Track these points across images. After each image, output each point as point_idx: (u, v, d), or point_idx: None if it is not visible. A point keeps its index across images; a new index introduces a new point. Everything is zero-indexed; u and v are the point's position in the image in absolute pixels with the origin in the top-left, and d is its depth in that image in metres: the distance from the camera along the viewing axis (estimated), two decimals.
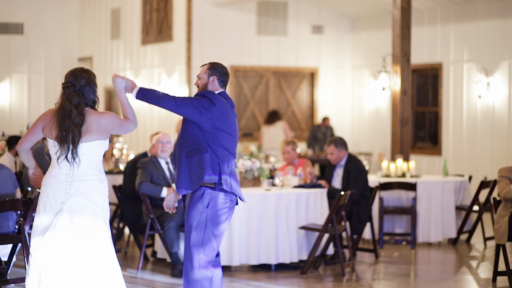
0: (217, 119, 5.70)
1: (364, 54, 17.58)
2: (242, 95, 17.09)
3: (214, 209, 5.74)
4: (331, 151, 9.80)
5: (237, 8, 16.75)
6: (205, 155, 5.71)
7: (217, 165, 5.71)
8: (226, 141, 5.75)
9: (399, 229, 11.03)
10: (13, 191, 7.77)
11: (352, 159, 9.82)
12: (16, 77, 19.36)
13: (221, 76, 5.86)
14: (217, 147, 5.73)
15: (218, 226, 5.76)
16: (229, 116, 5.77)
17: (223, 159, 5.74)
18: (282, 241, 8.77)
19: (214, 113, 5.68)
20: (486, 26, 14.73)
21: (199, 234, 5.73)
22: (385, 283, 8.51)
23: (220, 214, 5.76)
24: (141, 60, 17.91)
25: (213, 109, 5.67)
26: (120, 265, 5.71)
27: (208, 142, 5.72)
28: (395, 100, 12.70)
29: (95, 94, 5.67)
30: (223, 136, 5.74)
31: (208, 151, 5.71)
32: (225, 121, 5.74)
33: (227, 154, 5.77)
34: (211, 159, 5.71)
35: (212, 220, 5.73)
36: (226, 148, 5.76)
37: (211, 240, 5.74)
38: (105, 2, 19.14)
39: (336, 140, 9.81)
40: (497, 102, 14.57)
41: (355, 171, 9.64)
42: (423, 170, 15.56)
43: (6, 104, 19.29)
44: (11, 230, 7.63)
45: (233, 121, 5.81)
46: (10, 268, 7.67)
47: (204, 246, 5.73)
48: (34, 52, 19.44)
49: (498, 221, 8.08)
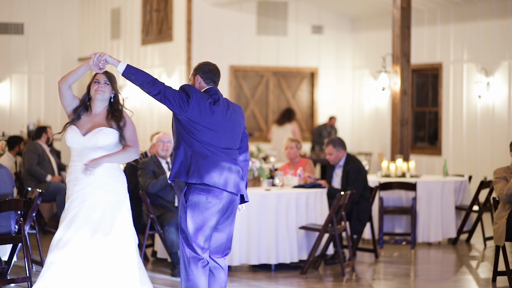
0: (193, 112, 5.71)
1: (364, 54, 17.58)
2: (242, 95, 17.09)
3: (192, 204, 5.75)
4: (329, 151, 9.80)
5: (237, 8, 16.75)
6: (178, 150, 5.76)
7: (190, 160, 5.72)
8: (205, 135, 5.74)
9: (399, 229, 11.03)
10: (12, 190, 7.78)
11: (351, 159, 9.82)
12: (16, 77, 19.36)
13: (205, 73, 5.89)
14: (192, 140, 5.73)
15: (199, 221, 5.75)
16: (208, 110, 5.75)
17: (200, 153, 5.73)
18: (282, 241, 8.77)
19: (190, 105, 5.69)
20: (486, 26, 14.73)
21: (182, 229, 5.79)
22: (385, 283, 8.51)
23: (200, 210, 5.75)
24: (141, 60, 17.91)
25: (190, 101, 5.69)
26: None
27: (185, 136, 5.74)
28: (395, 100, 12.70)
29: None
30: (201, 130, 5.73)
31: (181, 146, 5.75)
32: (203, 115, 5.73)
33: (209, 147, 5.74)
34: (184, 154, 5.73)
35: (192, 216, 5.75)
36: (207, 142, 5.74)
37: (195, 236, 5.76)
38: (105, 2, 19.15)
39: (334, 140, 9.81)
40: (497, 102, 14.57)
41: (354, 171, 9.64)
42: (423, 170, 15.57)
43: (6, 104, 19.29)
44: (12, 230, 7.63)
45: (216, 115, 5.77)
46: (10, 268, 7.68)
47: (188, 242, 5.77)
48: (34, 52, 19.44)
49: (496, 221, 8.08)
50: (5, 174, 7.72)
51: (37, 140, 11.76)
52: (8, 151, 12.12)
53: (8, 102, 19.31)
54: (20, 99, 19.39)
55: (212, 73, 5.92)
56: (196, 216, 5.76)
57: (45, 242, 10.53)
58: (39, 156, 11.57)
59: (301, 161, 10.32)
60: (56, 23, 19.63)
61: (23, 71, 19.39)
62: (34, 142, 11.73)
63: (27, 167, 11.45)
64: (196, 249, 5.77)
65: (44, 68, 19.56)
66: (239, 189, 5.88)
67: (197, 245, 5.77)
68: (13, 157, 12.11)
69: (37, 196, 8.20)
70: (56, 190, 11.47)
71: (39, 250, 8.73)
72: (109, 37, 19.06)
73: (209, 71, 5.91)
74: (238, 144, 5.95)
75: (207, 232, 5.79)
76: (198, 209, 5.76)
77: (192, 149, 5.74)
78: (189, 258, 5.77)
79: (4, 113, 19.24)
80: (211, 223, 5.79)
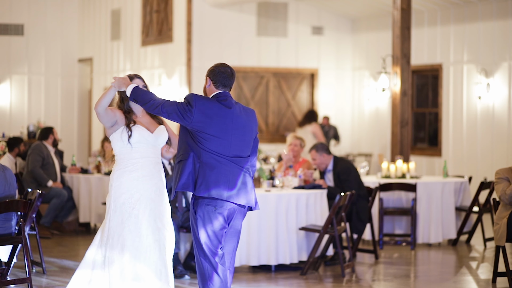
0: (198, 120, 5.64)
1: (364, 55, 17.59)
2: (242, 96, 17.10)
3: (201, 216, 5.70)
4: (313, 157, 9.80)
5: (237, 9, 16.76)
6: (186, 161, 5.69)
7: (198, 171, 5.67)
8: (212, 144, 5.66)
9: (399, 230, 11.03)
10: (15, 192, 7.81)
11: (338, 161, 9.79)
12: (17, 78, 19.36)
13: (215, 76, 5.78)
14: (201, 151, 5.67)
15: (211, 232, 5.71)
16: (214, 117, 5.66)
17: (208, 164, 5.66)
18: (282, 242, 8.78)
19: (194, 115, 5.64)
20: (486, 27, 14.73)
21: (197, 241, 5.74)
22: (385, 284, 8.51)
23: (211, 219, 5.70)
24: (141, 61, 17.92)
25: (193, 110, 5.63)
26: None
27: (194, 147, 5.68)
28: (395, 101, 12.71)
29: None
30: (208, 138, 5.66)
31: (190, 157, 5.69)
32: (209, 123, 5.65)
33: (217, 157, 5.67)
34: (192, 165, 5.68)
35: (204, 227, 5.71)
36: (215, 151, 5.67)
37: (212, 244, 5.71)
38: (105, 3, 19.15)
39: (317, 145, 9.83)
40: (497, 103, 14.58)
41: (344, 172, 9.62)
42: (423, 171, 15.57)
43: (6, 105, 19.30)
44: (13, 231, 7.64)
45: (224, 122, 5.68)
46: (10, 269, 7.68)
47: (204, 253, 5.75)
48: (34, 53, 19.45)
49: (497, 222, 8.08)
50: (12, 176, 7.75)
51: (43, 141, 11.73)
52: (9, 152, 12.10)
53: (8, 103, 19.32)
54: (20, 100, 19.39)
55: (222, 76, 5.78)
56: (208, 227, 5.71)
57: (44, 243, 10.53)
58: (44, 159, 11.56)
59: (302, 160, 10.33)
60: (56, 24, 19.64)
61: (23, 72, 19.39)
62: (40, 143, 11.68)
63: (31, 169, 11.43)
64: (212, 259, 5.71)
65: (44, 69, 19.56)
66: (248, 200, 5.79)
67: (212, 253, 5.71)
68: (13, 158, 12.10)
69: (37, 197, 8.21)
70: (55, 195, 11.46)
71: (39, 251, 8.74)
72: (109, 38, 19.06)
73: (220, 74, 5.77)
74: (248, 151, 5.82)
75: (219, 239, 5.74)
76: (209, 220, 5.71)
77: (200, 160, 5.66)
78: (207, 271, 5.71)
79: (4, 114, 19.24)
80: (222, 231, 5.74)
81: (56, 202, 11.42)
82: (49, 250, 10.18)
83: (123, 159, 6.09)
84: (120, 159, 6.11)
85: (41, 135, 11.81)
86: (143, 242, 5.98)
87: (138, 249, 5.97)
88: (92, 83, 19.76)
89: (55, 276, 8.52)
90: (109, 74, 18.91)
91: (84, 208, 11.80)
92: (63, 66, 19.70)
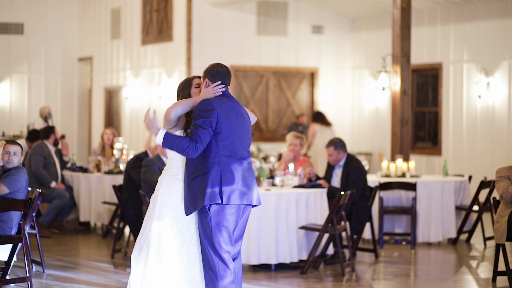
0: (219, 120, 5.66)
1: (364, 54, 17.59)
2: (242, 95, 17.09)
3: (214, 216, 5.72)
4: (330, 153, 9.81)
5: (237, 8, 16.76)
6: (207, 175, 5.65)
7: (221, 179, 5.64)
8: (227, 144, 5.69)
9: (399, 229, 11.04)
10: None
11: (351, 160, 9.83)
12: (16, 77, 19.37)
13: (213, 76, 5.79)
14: (220, 157, 5.67)
15: (223, 230, 5.73)
16: (224, 119, 5.68)
17: (225, 169, 5.66)
18: (282, 241, 8.78)
19: (218, 116, 5.63)
20: (486, 26, 14.73)
21: (209, 240, 5.74)
22: (385, 283, 8.52)
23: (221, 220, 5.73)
24: (141, 60, 17.91)
25: (212, 113, 5.62)
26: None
27: (215, 153, 5.66)
28: (395, 100, 12.71)
29: None
30: (224, 139, 5.68)
31: (211, 168, 5.65)
32: (221, 124, 5.67)
33: (229, 160, 5.69)
34: (215, 175, 5.65)
35: (217, 227, 5.73)
36: (228, 154, 5.69)
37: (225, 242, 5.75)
38: (105, 2, 19.15)
39: (336, 142, 9.83)
40: (497, 102, 14.57)
41: (354, 172, 9.65)
42: (423, 170, 15.57)
43: (6, 104, 19.30)
44: (14, 230, 7.64)
45: (228, 120, 5.71)
46: (10, 268, 7.68)
47: (215, 250, 5.76)
48: (34, 52, 19.45)
49: (498, 220, 8.08)
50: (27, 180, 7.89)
51: (45, 141, 11.72)
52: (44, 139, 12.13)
53: (8, 102, 19.32)
54: (20, 99, 19.40)
55: (220, 76, 5.80)
56: (222, 229, 5.71)
57: (44, 242, 10.54)
58: (45, 159, 11.55)
59: (302, 160, 10.33)
60: (56, 23, 19.64)
61: (23, 71, 19.40)
62: (41, 143, 11.68)
63: (33, 170, 11.42)
64: (224, 256, 5.71)
65: (44, 68, 19.57)
66: (258, 199, 5.84)
67: (225, 252, 5.71)
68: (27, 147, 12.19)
69: (37, 196, 8.21)
70: (57, 196, 11.45)
71: (39, 250, 8.74)
72: (109, 37, 19.06)
73: (217, 74, 5.79)
74: (248, 150, 5.87)
75: (230, 236, 5.75)
76: (223, 222, 5.71)
77: (219, 167, 5.65)
78: (218, 268, 5.70)
79: (4, 113, 19.25)
80: (234, 230, 5.78)
81: (58, 203, 11.42)
82: (49, 249, 10.18)
83: (176, 166, 5.89)
84: (172, 164, 5.90)
85: (43, 134, 11.80)
86: (184, 253, 5.85)
87: (181, 259, 5.85)
88: (92, 82, 19.76)
89: (55, 275, 8.52)
90: (109, 73, 18.90)
91: (84, 207, 11.79)
92: (63, 65, 19.70)
